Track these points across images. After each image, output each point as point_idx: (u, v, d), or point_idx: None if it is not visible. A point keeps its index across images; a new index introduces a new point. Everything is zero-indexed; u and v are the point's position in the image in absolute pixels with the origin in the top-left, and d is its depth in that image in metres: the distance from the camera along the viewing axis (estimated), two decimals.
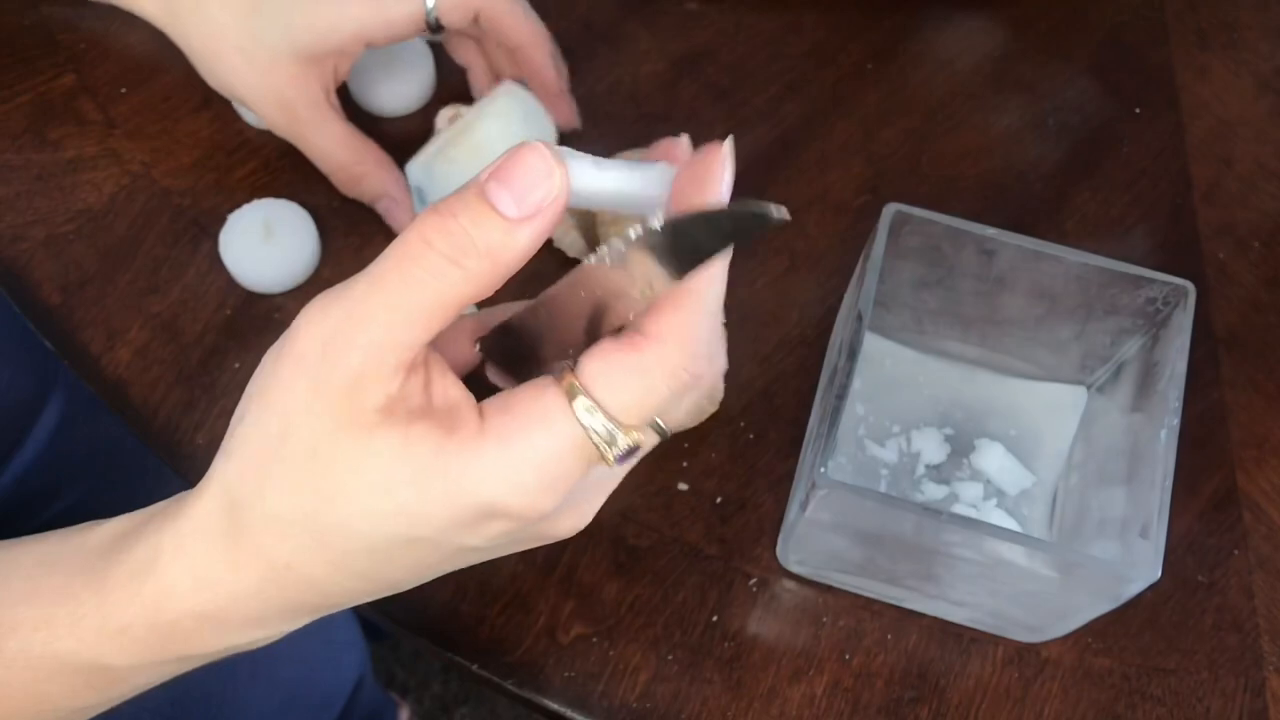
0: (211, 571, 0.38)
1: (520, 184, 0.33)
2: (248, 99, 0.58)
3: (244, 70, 0.56)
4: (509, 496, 0.34)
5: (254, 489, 0.36)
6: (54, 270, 0.61)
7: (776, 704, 0.53)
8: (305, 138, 0.58)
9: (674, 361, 0.34)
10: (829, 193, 0.66)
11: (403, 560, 0.37)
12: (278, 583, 0.37)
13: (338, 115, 0.59)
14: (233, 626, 0.39)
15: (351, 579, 0.38)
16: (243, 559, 0.37)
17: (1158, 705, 0.54)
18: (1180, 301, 0.52)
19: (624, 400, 0.34)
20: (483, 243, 0.33)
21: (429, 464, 0.34)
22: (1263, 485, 0.60)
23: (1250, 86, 0.72)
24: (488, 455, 0.34)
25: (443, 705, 1.25)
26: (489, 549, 0.38)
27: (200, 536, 0.38)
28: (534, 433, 0.34)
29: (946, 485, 0.58)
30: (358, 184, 0.60)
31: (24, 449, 0.69)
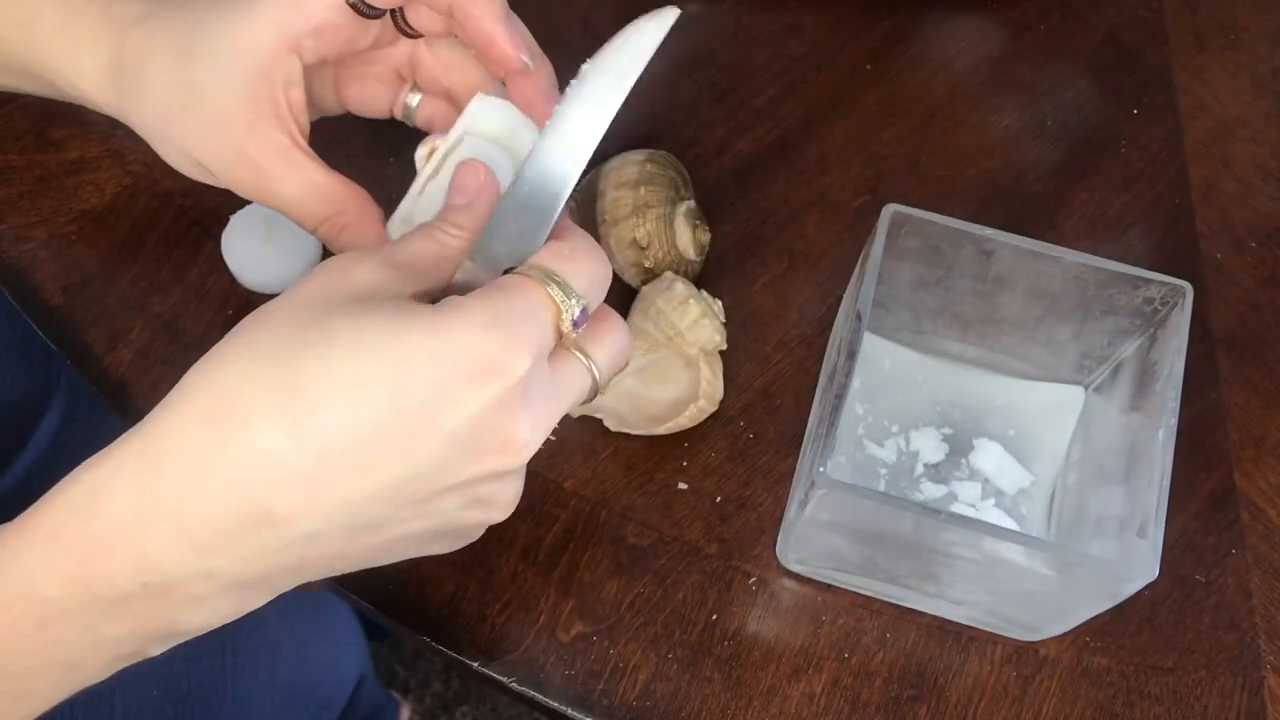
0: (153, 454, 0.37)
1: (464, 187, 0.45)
2: (210, 164, 0.50)
3: (195, 131, 0.49)
4: (490, 343, 0.38)
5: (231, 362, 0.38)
6: (56, 270, 0.61)
7: (776, 702, 0.54)
8: (275, 192, 0.50)
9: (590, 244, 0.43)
10: (828, 193, 0.67)
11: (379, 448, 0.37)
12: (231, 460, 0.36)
13: (311, 160, 0.50)
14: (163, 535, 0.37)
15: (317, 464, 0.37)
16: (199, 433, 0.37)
17: (1156, 704, 0.55)
18: (1178, 301, 0.52)
19: (568, 268, 0.41)
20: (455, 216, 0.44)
21: (417, 314, 0.38)
22: (1260, 485, 0.60)
23: (1248, 87, 0.73)
24: (469, 306, 0.38)
25: (443, 704, 1.25)
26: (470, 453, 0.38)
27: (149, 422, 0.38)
28: (505, 291, 0.40)
29: (945, 485, 0.58)
30: (339, 236, 0.51)
31: (26, 450, 0.69)
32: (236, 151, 0.49)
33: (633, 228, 0.59)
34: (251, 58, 0.48)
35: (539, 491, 0.57)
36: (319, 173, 0.50)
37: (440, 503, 0.40)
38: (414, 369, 0.37)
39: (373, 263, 0.40)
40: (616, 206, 0.59)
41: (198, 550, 0.37)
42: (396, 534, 0.40)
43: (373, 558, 0.41)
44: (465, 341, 0.37)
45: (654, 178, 0.59)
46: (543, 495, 0.57)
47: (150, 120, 0.51)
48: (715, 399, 0.58)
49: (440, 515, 0.40)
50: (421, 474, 0.38)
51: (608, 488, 0.58)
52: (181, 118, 0.49)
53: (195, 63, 0.48)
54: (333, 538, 0.39)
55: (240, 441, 0.36)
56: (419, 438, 0.37)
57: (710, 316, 0.57)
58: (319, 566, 0.40)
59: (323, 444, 0.37)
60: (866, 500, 0.49)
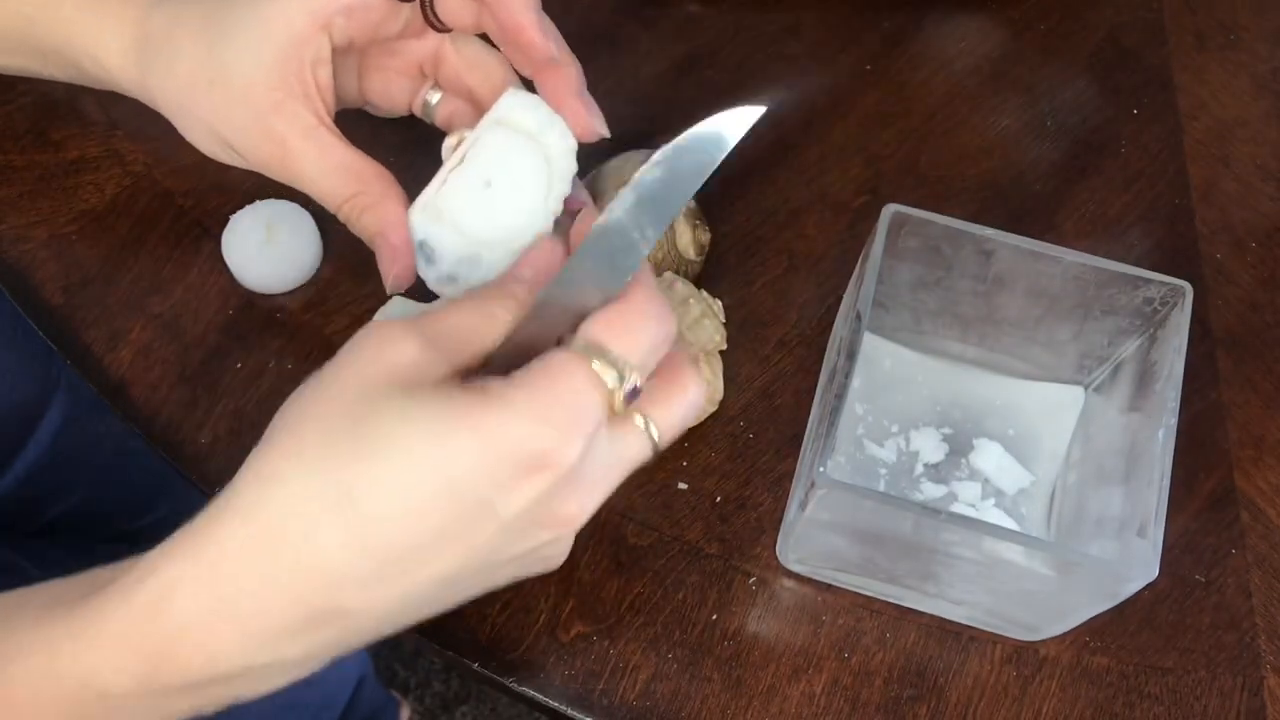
0: (217, 563, 0.37)
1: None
2: (235, 141, 0.50)
3: (222, 108, 0.49)
4: (541, 438, 0.37)
5: (281, 469, 0.37)
6: (56, 270, 0.61)
7: (776, 702, 0.54)
8: (299, 170, 0.50)
9: (650, 306, 0.40)
10: (828, 193, 0.67)
11: (433, 535, 0.37)
12: (289, 568, 0.37)
13: (337, 140, 0.50)
14: (234, 635, 0.38)
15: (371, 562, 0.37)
16: (257, 544, 0.37)
17: (1155, 704, 0.55)
18: (1178, 301, 0.52)
19: (622, 342, 0.39)
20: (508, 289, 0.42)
21: (465, 412, 0.37)
22: (1260, 485, 0.60)
23: (1248, 87, 0.73)
24: (521, 401, 0.37)
25: (444, 704, 1.25)
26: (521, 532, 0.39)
27: (213, 531, 0.38)
28: (553, 379, 0.38)
29: (945, 485, 0.58)
30: (360, 216, 0.50)
31: (27, 450, 0.69)
32: (263, 129, 0.49)
33: None
34: (281, 35, 0.48)
35: None
36: (344, 152, 0.50)
37: (495, 574, 0.41)
38: (464, 471, 0.37)
39: (411, 342, 0.39)
40: None
41: (266, 647, 0.38)
42: (453, 599, 0.41)
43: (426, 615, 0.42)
44: (514, 438, 0.37)
45: None
46: None
47: (176, 98, 0.51)
48: (715, 399, 0.58)
49: (494, 581, 0.42)
50: (478, 560, 0.39)
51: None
52: (208, 94, 0.49)
53: (224, 40, 0.49)
54: (394, 617, 0.40)
55: (303, 555, 0.37)
56: (474, 530, 0.38)
57: (710, 316, 0.57)
58: (379, 633, 0.41)
59: (384, 550, 0.37)
60: (866, 500, 0.49)
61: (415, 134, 0.57)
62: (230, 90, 0.49)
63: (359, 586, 0.37)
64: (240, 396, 0.58)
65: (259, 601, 0.37)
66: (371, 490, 0.36)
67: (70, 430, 0.70)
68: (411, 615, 0.40)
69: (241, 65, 0.49)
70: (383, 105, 0.55)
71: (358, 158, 0.50)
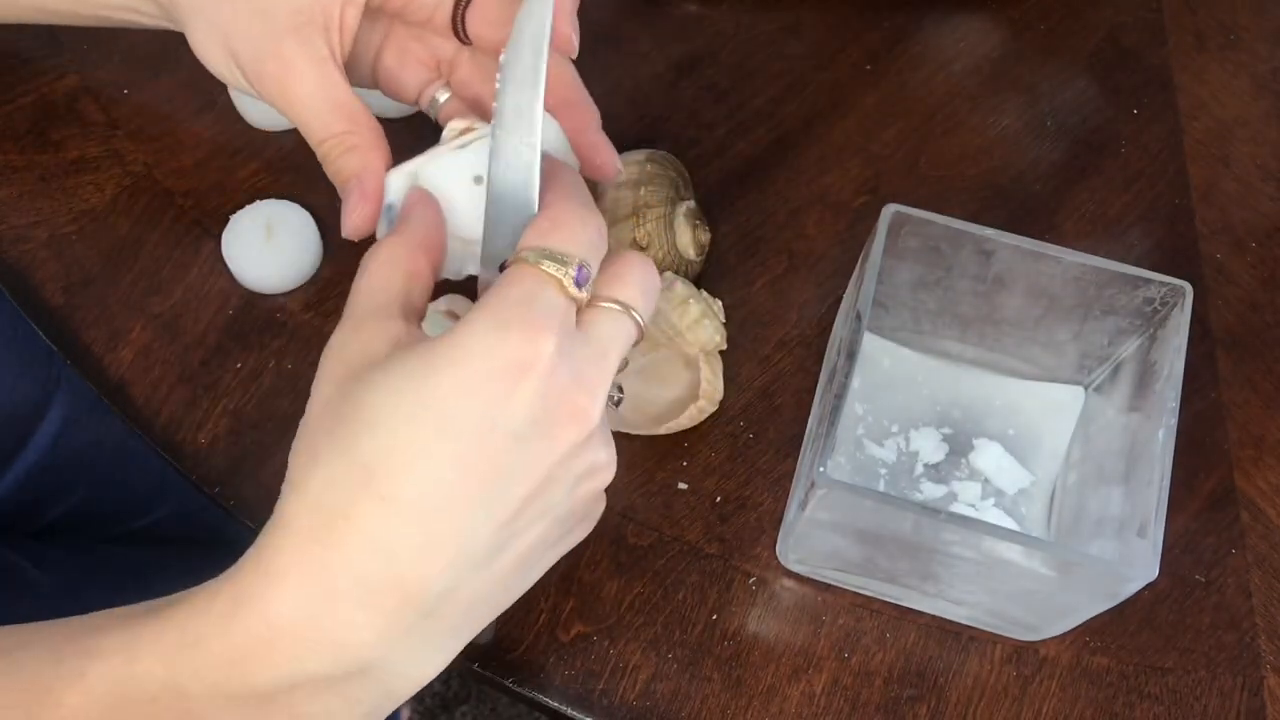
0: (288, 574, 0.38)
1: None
2: (242, 51, 0.49)
3: (242, 16, 0.49)
4: (505, 342, 0.38)
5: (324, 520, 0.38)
6: (56, 271, 0.61)
7: (776, 702, 0.54)
8: (295, 95, 0.49)
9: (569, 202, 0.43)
10: (828, 193, 0.67)
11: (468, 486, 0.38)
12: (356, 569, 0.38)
13: (342, 78, 0.50)
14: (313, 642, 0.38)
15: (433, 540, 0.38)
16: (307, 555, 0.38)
17: (1155, 704, 0.55)
18: (1178, 301, 0.52)
19: (555, 236, 0.41)
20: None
21: (429, 353, 0.39)
22: (1260, 485, 0.60)
23: (1248, 87, 0.73)
24: (473, 320, 0.39)
25: (443, 703, 1.25)
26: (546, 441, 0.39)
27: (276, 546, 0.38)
28: (500, 287, 0.40)
29: (945, 485, 0.58)
30: (342, 155, 0.50)
31: (27, 451, 0.69)
32: (275, 47, 0.49)
33: (632, 228, 0.59)
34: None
35: None
36: (345, 90, 0.50)
37: (546, 497, 0.41)
38: (451, 400, 0.38)
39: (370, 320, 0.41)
40: (616, 206, 0.59)
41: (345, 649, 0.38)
42: (525, 546, 0.41)
43: (520, 579, 0.42)
44: (483, 353, 0.38)
45: (654, 178, 0.59)
46: None
47: (193, 11, 0.51)
48: (715, 399, 0.58)
49: (554, 507, 0.41)
50: (512, 480, 0.39)
51: (608, 487, 0.57)
52: (231, 6, 0.49)
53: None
54: (469, 583, 0.40)
55: (351, 540, 0.38)
56: (491, 452, 0.38)
57: (710, 316, 0.57)
58: (475, 614, 0.41)
59: (418, 506, 0.38)
60: (866, 500, 0.49)
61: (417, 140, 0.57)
62: (253, 5, 0.49)
63: (412, 551, 0.38)
64: (240, 396, 0.58)
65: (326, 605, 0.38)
66: (381, 458, 0.37)
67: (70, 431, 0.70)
68: (493, 579, 0.40)
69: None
70: (389, 89, 0.55)
71: (356, 101, 0.50)
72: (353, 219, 0.49)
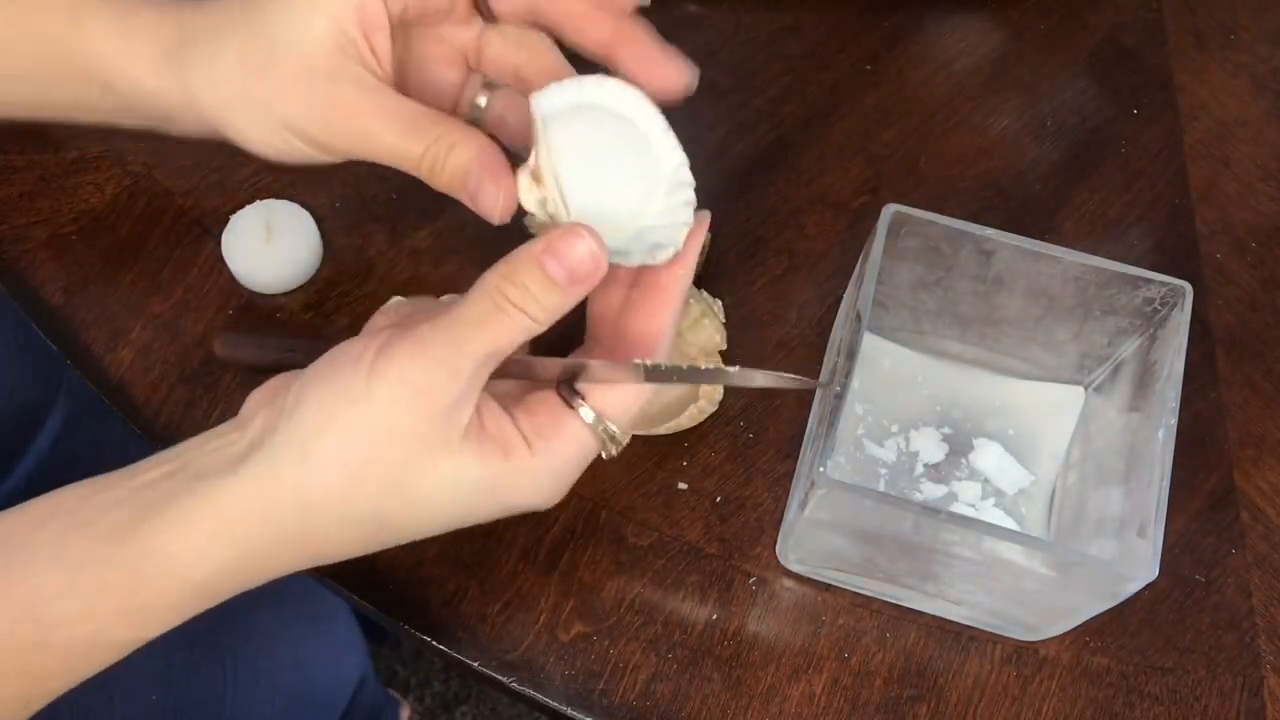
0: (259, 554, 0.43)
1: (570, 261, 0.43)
2: (297, 117, 0.46)
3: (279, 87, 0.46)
4: (538, 499, 0.45)
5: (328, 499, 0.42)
6: (56, 271, 0.61)
7: (776, 702, 0.54)
8: (369, 128, 0.46)
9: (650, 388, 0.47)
10: (828, 193, 0.67)
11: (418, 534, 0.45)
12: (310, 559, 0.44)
13: (399, 95, 0.47)
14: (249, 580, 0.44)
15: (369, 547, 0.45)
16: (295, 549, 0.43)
17: (1155, 704, 0.55)
18: (1178, 302, 0.52)
19: (624, 420, 0.46)
20: (544, 300, 0.43)
21: (493, 480, 0.44)
22: (1260, 485, 0.60)
23: (1248, 87, 0.73)
24: (535, 475, 0.45)
25: (444, 703, 1.25)
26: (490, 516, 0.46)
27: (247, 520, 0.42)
28: (567, 453, 0.45)
29: (945, 485, 0.58)
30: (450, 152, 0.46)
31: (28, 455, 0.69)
32: (325, 97, 0.46)
33: None
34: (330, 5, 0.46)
35: None
36: (409, 104, 0.47)
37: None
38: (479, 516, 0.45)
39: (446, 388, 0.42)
40: None
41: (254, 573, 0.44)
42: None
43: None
44: (523, 503, 0.45)
45: None
46: None
47: (225, 92, 0.47)
48: (715, 399, 0.58)
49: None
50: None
51: (608, 488, 0.58)
52: (262, 79, 0.46)
53: (272, 21, 0.46)
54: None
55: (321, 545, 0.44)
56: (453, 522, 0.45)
57: (710, 316, 0.57)
58: None
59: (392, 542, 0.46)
60: (866, 500, 0.49)
61: None
62: (286, 68, 0.46)
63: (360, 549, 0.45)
64: (240, 396, 0.58)
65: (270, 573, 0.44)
66: (399, 527, 0.44)
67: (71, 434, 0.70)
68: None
69: (295, 39, 0.46)
70: (422, 97, 0.51)
71: (425, 108, 0.47)
72: (501, 202, 0.46)
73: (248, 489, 0.41)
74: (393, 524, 0.44)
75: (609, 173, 0.47)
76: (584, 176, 0.47)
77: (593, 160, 0.47)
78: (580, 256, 0.43)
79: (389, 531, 0.44)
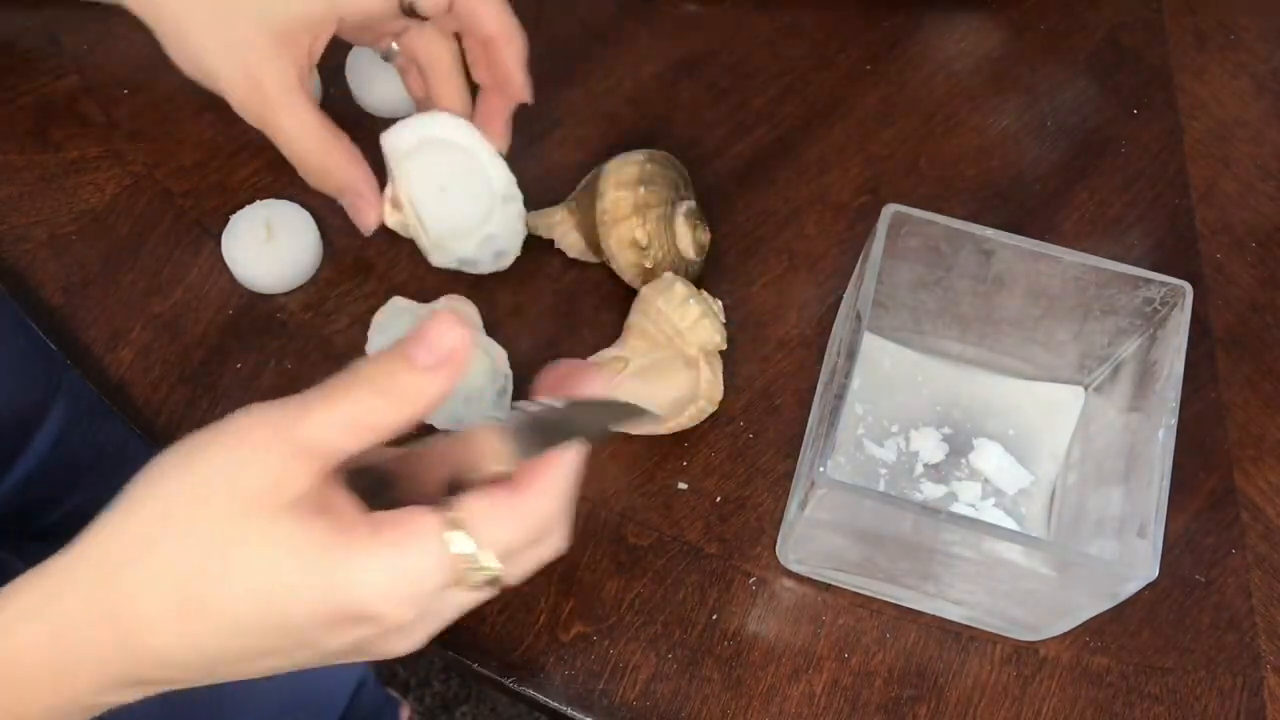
0: (69, 627, 0.38)
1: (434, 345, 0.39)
2: (218, 78, 0.54)
3: (215, 48, 0.54)
4: (378, 603, 0.38)
5: (136, 554, 0.38)
6: (56, 271, 0.61)
7: (776, 702, 0.54)
8: (274, 122, 0.55)
9: (542, 512, 0.40)
10: (828, 193, 0.67)
11: (258, 648, 0.39)
12: (127, 649, 0.38)
13: (309, 102, 0.55)
14: (79, 687, 0.39)
15: (201, 659, 0.39)
16: (101, 619, 0.38)
17: (1155, 704, 0.55)
18: (1178, 301, 0.52)
19: (495, 536, 0.39)
20: (406, 384, 0.39)
21: (317, 556, 0.38)
22: (1260, 484, 0.60)
23: (1248, 87, 0.73)
24: (371, 562, 0.38)
25: (443, 704, 1.25)
26: (335, 654, 0.40)
27: (63, 591, 0.39)
28: (414, 550, 0.38)
29: (945, 484, 0.58)
30: (326, 176, 0.57)
31: (27, 454, 0.69)
32: (247, 75, 0.54)
33: (633, 228, 0.59)
34: (297, 15, 0.54)
35: None
36: (317, 114, 0.55)
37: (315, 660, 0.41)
38: (302, 616, 0.38)
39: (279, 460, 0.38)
40: (617, 206, 0.59)
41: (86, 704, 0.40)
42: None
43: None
44: (355, 600, 0.38)
45: (654, 178, 0.59)
46: None
47: (168, 24, 0.54)
48: (715, 399, 0.58)
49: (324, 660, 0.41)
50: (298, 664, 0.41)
51: (608, 488, 0.58)
52: (202, 32, 0.53)
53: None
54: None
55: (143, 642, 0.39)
56: (296, 653, 0.40)
57: (710, 316, 0.57)
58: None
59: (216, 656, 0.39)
60: (866, 500, 0.49)
61: None
62: (230, 35, 0.53)
63: (183, 670, 0.40)
64: (240, 396, 0.58)
65: (92, 668, 0.39)
66: (219, 611, 0.38)
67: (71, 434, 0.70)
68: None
69: (249, 19, 0.53)
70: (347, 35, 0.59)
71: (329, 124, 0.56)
72: (369, 224, 0.58)
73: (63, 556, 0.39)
74: (202, 598, 0.38)
75: (453, 194, 0.58)
76: (433, 200, 0.58)
77: (439, 186, 0.58)
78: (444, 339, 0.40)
79: (200, 612, 0.38)
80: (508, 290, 0.62)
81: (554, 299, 0.62)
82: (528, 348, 0.60)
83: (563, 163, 0.66)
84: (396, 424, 0.39)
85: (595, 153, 0.66)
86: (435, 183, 0.58)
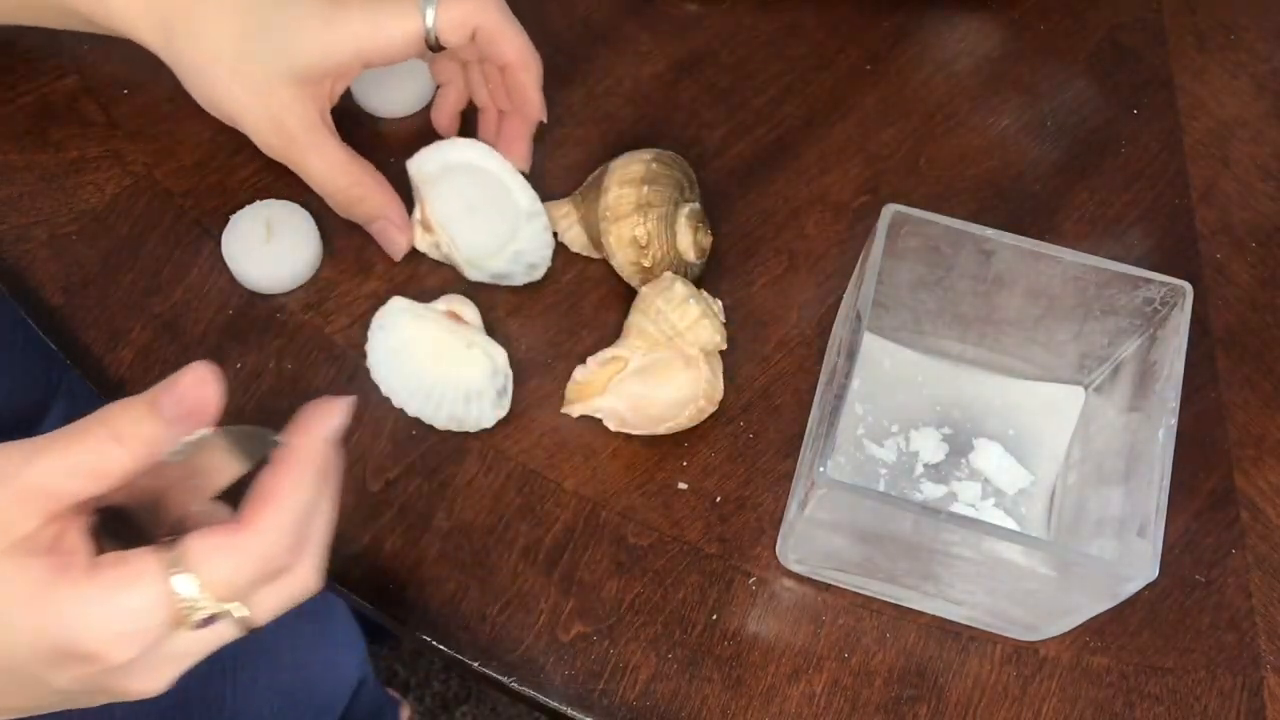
0: None
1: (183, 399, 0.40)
2: (242, 122, 0.56)
3: (238, 93, 0.55)
4: (90, 641, 0.38)
5: None
6: (56, 271, 0.61)
7: (776, 702, 0.54)
8: (301, 161, 0.57)
9: (264, 548, 0.40)
10: (828, 193, 0.67)
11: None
12: None
13: (334, 137, 0.57)
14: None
15: None
16: None
17: (1156, 704, 0.55)
18: (1178, 302, 0.52)
19: (216, 574, 0.39)
20: (148, 433, 0.39)
21: (32, 594, 0.38)
22: (1260, 484, 0.60)
23: (1248, 87, 0.73)
24: (84, 599, 0.38)
25: (443, 704, 1.25)
26: (76, 693, 0.40)
27: None
28: (130, 587, 0.38)
29: (945, 485, 0.58)
30: (354, 206, 0.59)
31: None
32: (272, 119, 0.55)
33: (633, 226, 0.59)
34: (321, 62, 0.55)
35: (539, 491, 0.57)
36: (341, 148, 0.58)
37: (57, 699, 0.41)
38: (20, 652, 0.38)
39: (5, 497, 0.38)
40: (619, 204, 0.59)
41: None
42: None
43: None
44: (68, 636, 0.38)
45: (659, 177, 0.59)
46: (543, 495, 0.57)
47: (190, 68, 0.56)
48: (715, 399, 0.58)
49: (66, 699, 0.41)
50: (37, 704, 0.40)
51: (608, 488, 0.58)
52: (226, 77, 0.55)
53: (259, 40, 0.54)
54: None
55: None
56: (27, 691, 0.39)
57: (710, 316, 0.57)
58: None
59: None
60: (866, 500, 0.49)
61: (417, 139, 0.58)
62: (252, 79, 0.55)
63: None
64: (240, 396, 0.58)
65: None
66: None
67: None
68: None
69: (269, 65, 0.54)
70: None
71: (353, 156, 0.58)
72: (399, 249, 0.61)
73: None
74: None
75: (481, 214, 0.60)
76: (463, 220, 0.60)
77: (468, 206, 0.60)
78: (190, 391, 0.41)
79: None
80: (508, 290, 0.62)
81: (554, 299, 0.62)
82: (528, 348, 0.60)
83: (562, 163, 0.66)
84: (133, 470, 0.39)
85: (595, 153, 0.66)
86: (463, 204, 0.60)
